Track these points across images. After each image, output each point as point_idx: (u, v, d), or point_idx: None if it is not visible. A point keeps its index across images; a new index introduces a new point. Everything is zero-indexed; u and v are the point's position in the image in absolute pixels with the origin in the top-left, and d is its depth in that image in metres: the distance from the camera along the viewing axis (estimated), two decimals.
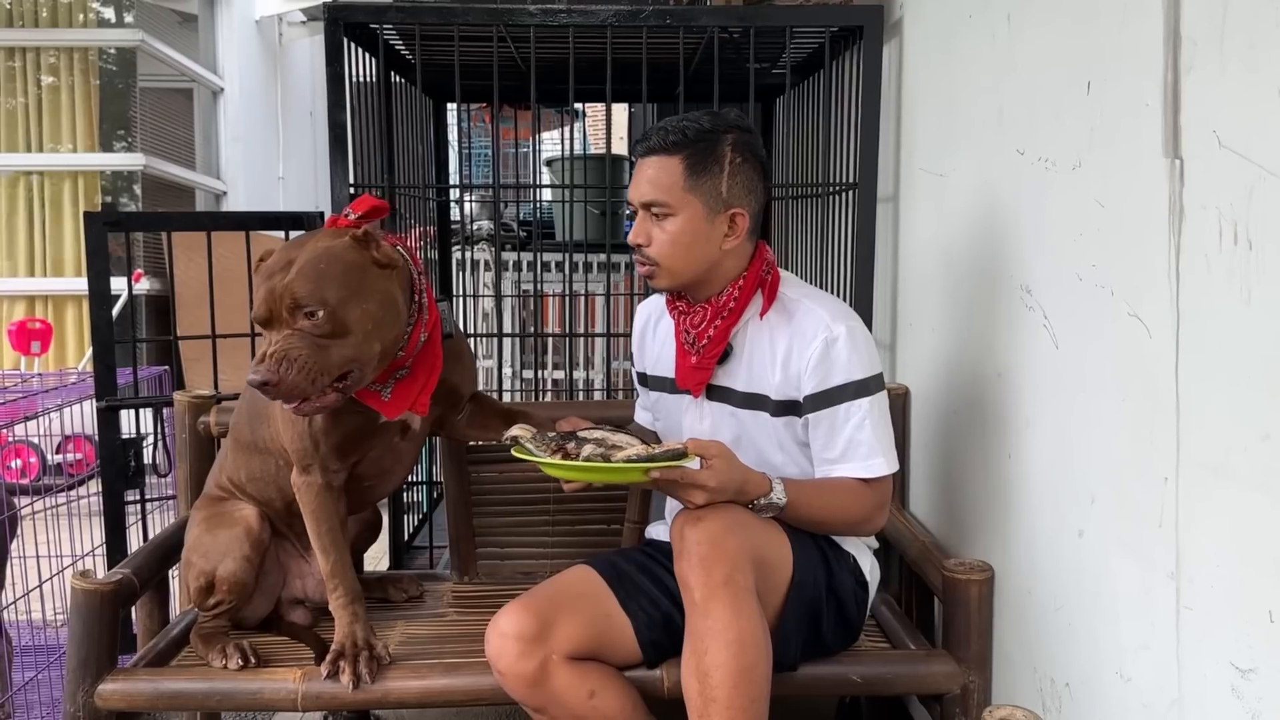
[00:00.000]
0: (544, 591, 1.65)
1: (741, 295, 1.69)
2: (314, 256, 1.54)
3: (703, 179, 1.63)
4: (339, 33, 2.28)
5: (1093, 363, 1.46)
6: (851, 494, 1.65)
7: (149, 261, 5.32)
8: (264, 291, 1.52)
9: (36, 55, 5.38)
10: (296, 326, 1.51)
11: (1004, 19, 1.75)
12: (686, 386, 1.76)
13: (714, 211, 1.64)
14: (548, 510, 2.17)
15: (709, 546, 1.47)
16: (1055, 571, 1.58)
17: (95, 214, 2.36)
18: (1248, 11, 1.11)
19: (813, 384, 1.65)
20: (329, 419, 1.70)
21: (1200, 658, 1.21)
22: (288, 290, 1.50)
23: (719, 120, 1.67)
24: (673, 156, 1.64)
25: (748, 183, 1.67)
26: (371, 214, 1.66)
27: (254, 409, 1.83)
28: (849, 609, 1.70)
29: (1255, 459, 1.11)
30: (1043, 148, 1.61)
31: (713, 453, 1.53)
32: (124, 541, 2.44)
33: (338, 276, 1.53)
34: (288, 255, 1.55)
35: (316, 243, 1.57)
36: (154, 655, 1.82)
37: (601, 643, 1.62)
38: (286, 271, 1.52)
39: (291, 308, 1.50)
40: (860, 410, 1.64)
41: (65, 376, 2.97)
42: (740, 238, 1.67)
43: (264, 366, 1.48)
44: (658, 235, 1.66)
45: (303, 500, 1.75)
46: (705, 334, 1.70)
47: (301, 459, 1.74)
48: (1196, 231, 1.20)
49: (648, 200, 1.65)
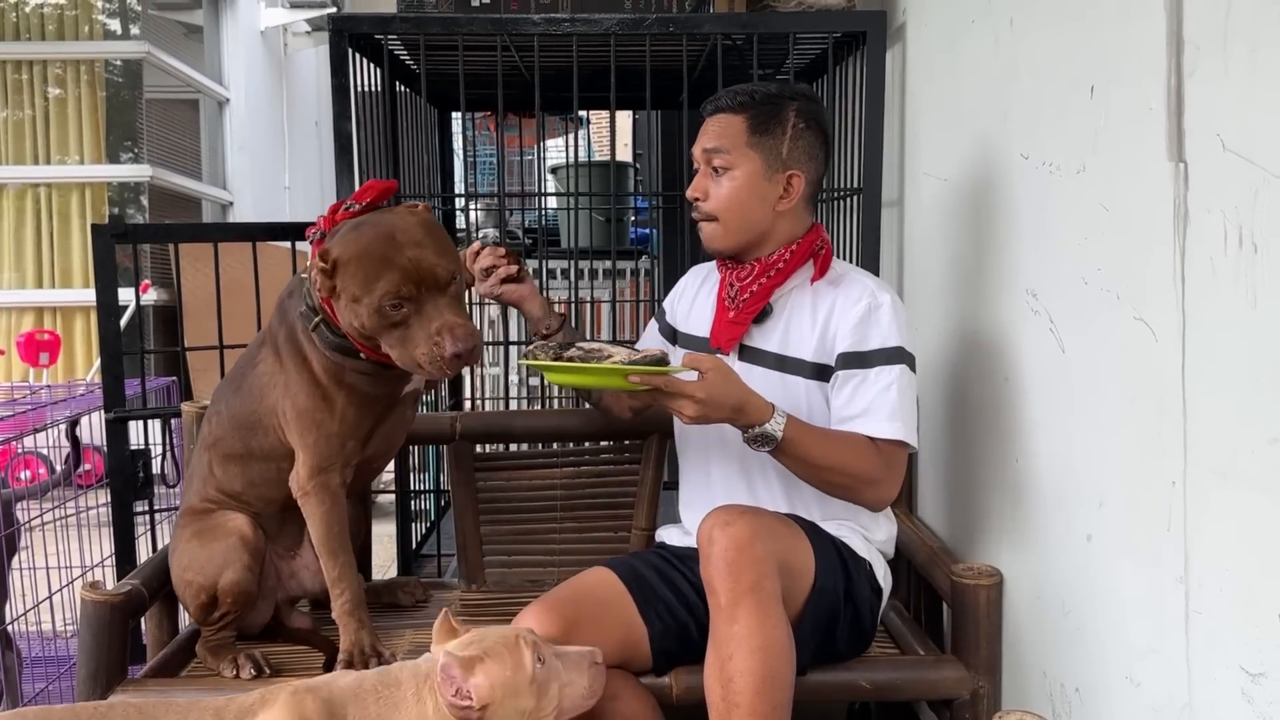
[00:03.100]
0: (567, 594, 1.65)
1: (792, 259, 1.71)
2: (435, 231, 1.62)
3: (764, 138, 1.68)
4: (344, 44, 2.29)
5: (1099, 366, 1.46)
6: (859, 449, 1.62)
7: (156, 272, 5.34)
8: (407, 268, 1.55)
9: (43, 68, 5.41)
10: (445, 295, 1.58)
11: (1006, 23, 1.75)
12: (719, 344, 1.76)
13: (772, 170, 1.68)
14: (555, 518, 2.17)
15: (736, 552, 1.46)
16: (1064, 576, 1.58)
17: (102, 226, 2.37)
18: (1250, 15, 1.11)
19: (848, 343, 1.65)
20: (357, 406, 1.71)
21: (1210, 662, 1.21)
22: (437, 264, 1.56)
23: (786, 88, 1.74)
24: (738, 114, 1.69)
25: (809, 149, 1.70)
26: (380, 197, 1.71)
27: (243, 420, 1.79)
28: (864, 617, 1.69)
29: (1263, 462, 1.10)
30: (1047, 152, 1.61)
31: (707, 365, 1.52)
32: (133, 552, 2.44)
33: (453, 247, 1.64)
34: (408, 233, 1.58)
35: (420, 218, 1.62)
36: (163, 666, 1.82)
37: (621, 650, 1.61)
38: (420, 247, 1.56)
39: (444, 281, 1.57)
40: (891, 374, 1.64)
41: (74, 388, 2.98)
42: (794, 200, 1.70)
43: (462, 336, 1.55)
44: (714, 189, 1.70)
45: (314, 504, 1.73)
46: (749, 289, 1.72)
47: (322, 461, 1.72)
48: (1201, 235, 1.20)
49: (711, 147, 1.69)
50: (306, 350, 1.72)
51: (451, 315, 1.57)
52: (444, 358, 1.54)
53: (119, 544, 2.42)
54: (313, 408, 1.71)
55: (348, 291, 1.57)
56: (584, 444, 2.25)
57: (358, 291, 1.56)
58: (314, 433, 1.72)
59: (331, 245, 1.60)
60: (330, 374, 1.71)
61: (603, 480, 2.21)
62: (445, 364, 1.55)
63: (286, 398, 1.73)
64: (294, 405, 1.72)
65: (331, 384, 1.71)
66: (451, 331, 1.55)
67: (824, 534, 1.67)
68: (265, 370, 1.77)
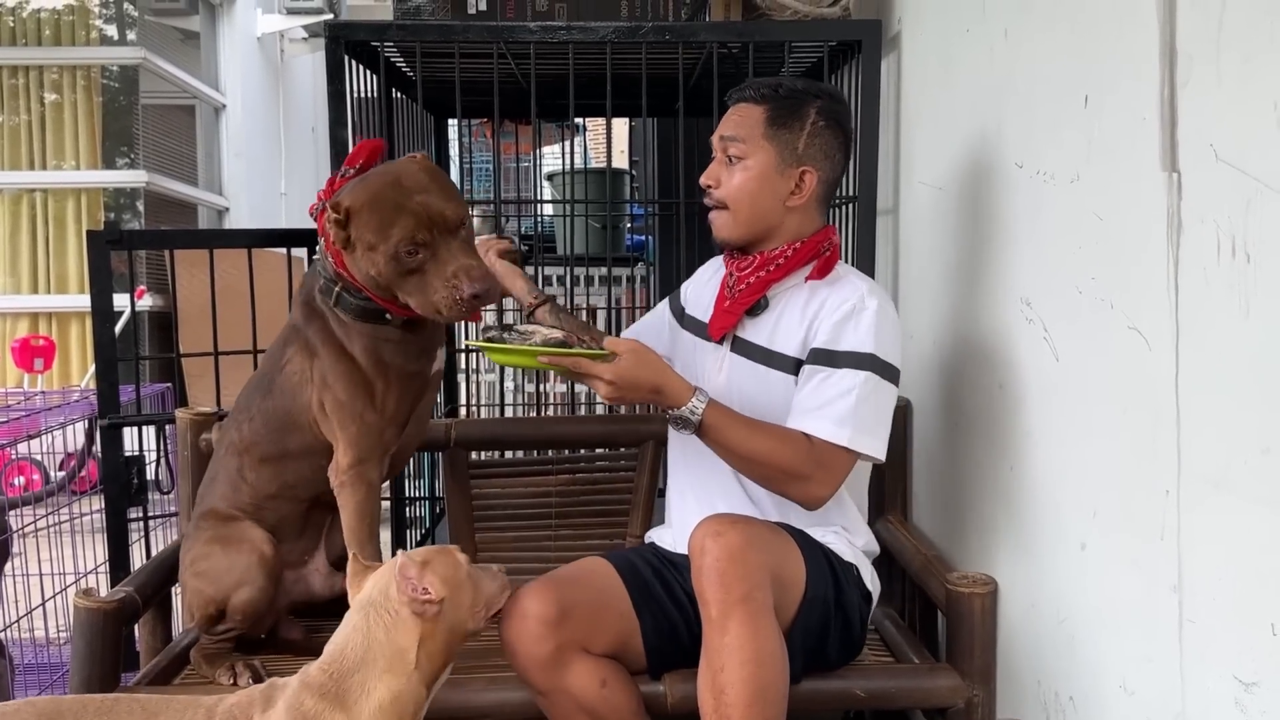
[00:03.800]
0: (566, 578, 1.64)
1: (794, 256, 1.70)
2: (440, 177, 1.64)
3: (782, 131, 1.68)
4: (340, 51, 2.29)
5: (1093, 375, 1.46)
6: (788, 442, 1.59)
7: (151, 278, 5.33)
8: (419, 213, 1.56)
9: (40, 73, 5.41)
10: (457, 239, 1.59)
11: (1001, 33, 1.76)
12: (713, 332, 1.77)
13: (786, 164, 1.68)
14: (550, 525, 2.17)
15: (728, 562, 1.46)
16: (1058, 584, 1.58)
17: (98, 232, 2.36)
18: (1243, 26, 1.12)
19: (823, 340, 1.64)
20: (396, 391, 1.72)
21: (1203, 671, 1.21)
22: (446, 207, 1.58)
23: (812, 85, 1.74)
24: (759, 105, 1.70)
25: (825, 147, 1.70)
26: (372, 156, 1.72)
27: (277, 420, 1.77)
28: (854, 624, 1.69)
29: (1256, 472, 1.11)
30: (1041, 161, 1.61)
31: (623, 348, 1.56)
32: (127, 559, 2.43)
33: (458, 191, 1.67)
34: (415, 180, 1.59)
35: (423, 165, 1.64)
36: (157, 673, 1.81)
37: (614, 640, 1.62)
38: (428, 193, 1.57)
39: (455, 224, 1.58)
40: (854, 379, 1.60)
41: (68, 394, 2.98)
42: (805, 198, 1.70)
43: (478, 277, 1.56)
44: (727, 178, 1.70)
45: (350, 495, 1.73)
46: (745, 280, 1.72)
47: (363, 452, 1.71)
48: (1195, 245, 1.21)
49: (728, 135, 1.70)
50: (343, 338, 1.71)
51: (465, 258, 1.58)
52: (463, 299, 1.56)
53: (113, 551, 2.41)
54: (352, 397, 1.71)
55: (363, 240, 1.58)
56: (579, 451, 2.25)
57: (373, 239, 1.57)
58: (355, 424, 1.71)
59: (341, 197, 1.60)
60: (370, 357, 1.71)
61: (597, 488, 2.21)
62: (464, 304, 1.57)
63: (325, 391, 1.72)
64: (334, 398, 1.71)
65: (372, 369, 1.71)
66: (468, 273, 1.56)
67: (814, 542, 1.67)
68: (295, 369, 1.77)
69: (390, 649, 1.35)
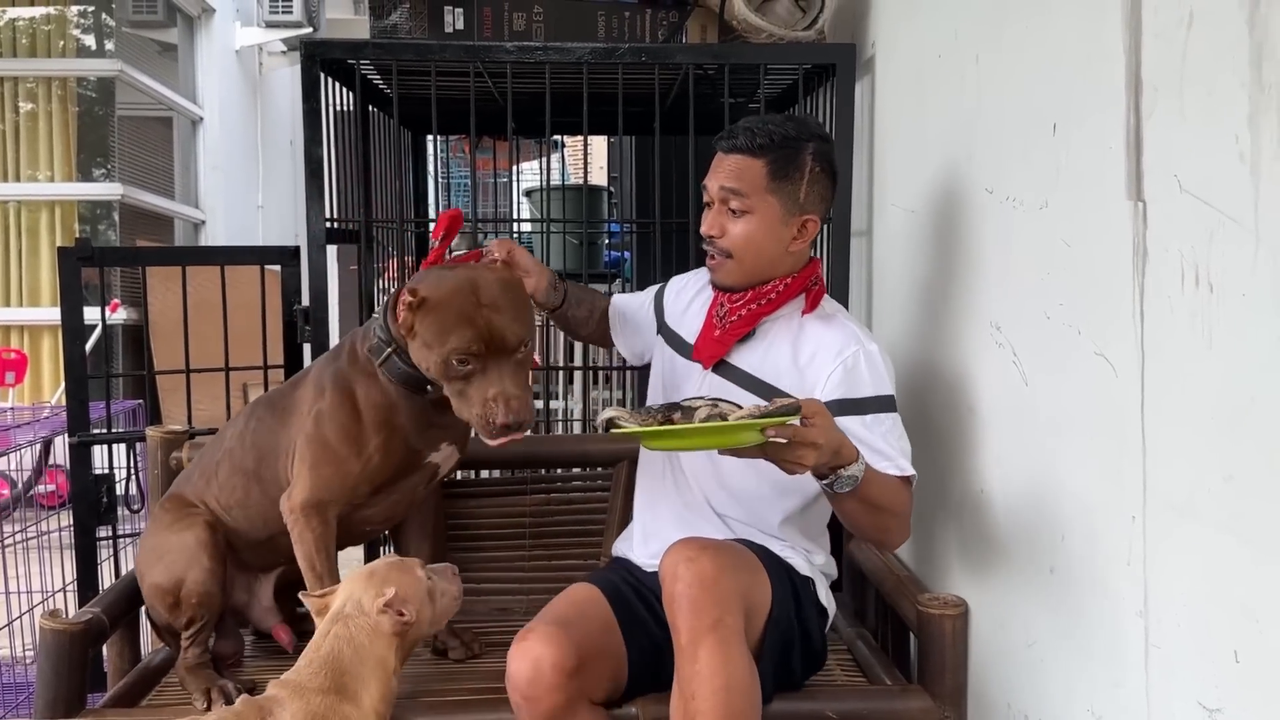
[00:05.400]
0: (573, 619, 1.60)
1: (785, 291, 1.73)
2: (514, 293, 1.64)
3: (783, 183, 1.69)
4: (316, 68, 2.29)
5: (1061, 400, 1.47)
6: (898, 487, 1.63)
7: (126, 291, 5.29)
8: (481, 327, 1.55)
9: (15, 84, 5.35)
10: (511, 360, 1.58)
11: (972, 59, 1.78)
12: (700, 357, 1.78)
13: (789, 215, 1.70)
14: (524, 545, 2.17)
15: (699, 589, 1.45)
16: (1027, 607, 1.59)
17: (69, 249, 2.35)
18: (1206, 58, 1.13)
19: (840, 391, 1.66)
20: (385, 455, 1.71)
21: (1169, 696, 1.22)
22: (510, 329, 1.57)
23: (803, 128, 1.74)
24: (757, 159, 1.69)
25: (823, 191, 1.73)
26: (454, 226, 1.79)
27: (266, 445, 1.79)
28: (814, 638, 1.71)
29: (1219, 499, 1.12)
30: (1010, 187, 1.63)
31: (813, 409, 1.43)
32: (95, 578, 2.41)
33: (529, 313, 1.66)
34: (488, 292, 1.58)
35: (501, 277, 1.64)
36: (124, 694, 1.80)
37: (611, 686, 1.61)
38: (497, 310, 1.57)
39: (513, 346, 1.58)
40: (890, 420, 1.67)
41: (39, 411, 2.95)
42: (806, 242, 1.74)
43: (516, 409, 1.55)
44: (732, 229, 1.71)
45: (306, 531, 1.71)
46: (737, 312, 1.74)
47: (326, 494, 1.70)
48: (1159, 274, 1.22)
49: (730, 188, 1.69)
50: (356, 386, 1.72)
51: (511, 385, 1.56)
52: (494, 424, 1.55)
53: (81, 569, 2.39)
54: (340, 442, 1.70)
55: (422, 336, 1.59)
56: (554, 471, 2.25)
57: (430, 339, 1.57)
58: (331, 467, 1.70)
59: (420, 284, 1.60)
60: (380, 414, 1.70)
61: (571, 508, 2.20)
62: (494, 430, 1.56)
63: (313, 427, 1.72)
64: (318, 437, 1.71)
65: (373, 424, 1.70)
66: (507, 402, 1.55)
67: (776, 558, 1.69)
68: (300, 398, 1.78)
69: (375, 653, 1.54)
